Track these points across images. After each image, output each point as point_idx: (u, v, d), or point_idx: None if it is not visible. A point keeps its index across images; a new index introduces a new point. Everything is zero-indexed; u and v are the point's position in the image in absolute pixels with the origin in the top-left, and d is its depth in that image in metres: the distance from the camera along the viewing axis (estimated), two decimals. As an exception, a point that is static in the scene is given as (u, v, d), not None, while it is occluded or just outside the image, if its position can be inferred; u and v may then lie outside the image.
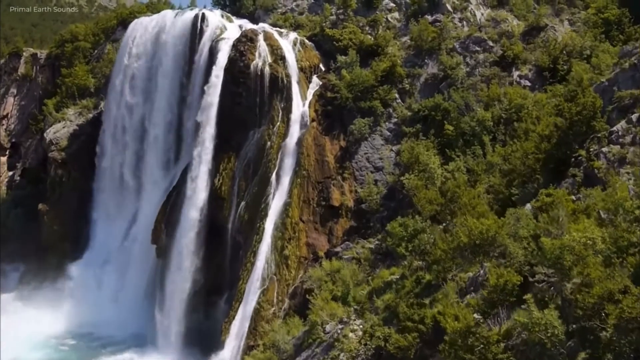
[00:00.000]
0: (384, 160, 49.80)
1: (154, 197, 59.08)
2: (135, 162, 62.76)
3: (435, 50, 55.73)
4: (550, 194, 32.33)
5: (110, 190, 64.32)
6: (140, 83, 62.82)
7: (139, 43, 64.16)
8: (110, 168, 64.62)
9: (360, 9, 61.83)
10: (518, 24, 59.14)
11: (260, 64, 53.61)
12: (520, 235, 28.53)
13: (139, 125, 62.42)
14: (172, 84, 60.33)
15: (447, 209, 38.70)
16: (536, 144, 38.26)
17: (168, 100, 60.31)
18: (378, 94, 52.13)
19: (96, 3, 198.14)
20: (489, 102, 49.05)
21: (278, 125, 51.63)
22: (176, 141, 59.69)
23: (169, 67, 60.71)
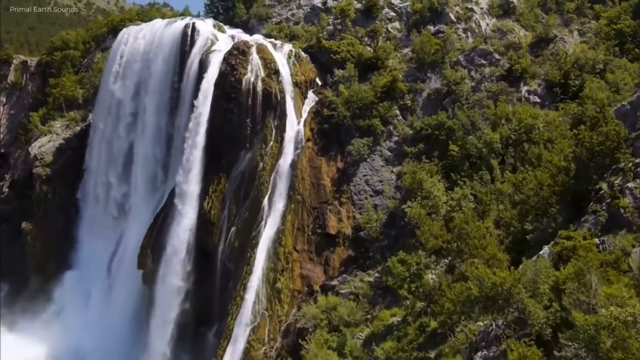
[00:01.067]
0: (384, 183, 45.75)
1: (142, 216, 55.08)
2: (123, 180, 58.74)
3: (439, 64, 51.64)
4: (570, 236, 28.40)
5: (96, 208, 60.31)
6: (128, 96, 58.73)
7: (128, 55, 60.18)
8: (97, 185, 60.62)
9: (359, 19, 57.72)
10: (525, 34, 55.06)
11: (252, 78, 49.56)
12: (540, 292, 24.57)
13: (126, 141, 58.37)
14: (161, 97, 56.30)
15: (454, 246, 34.68)
16: (552, 173, 34.22)
17: (157, 114, 56.29)
18: (378, 111, 48.09)
19: (94, 6, 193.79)
20: (496, 121, 44.99)
21: (271, 144, 47.59)
22: (165, 158, 55.65)
23: (158, 80, 56.68)
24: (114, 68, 61.01)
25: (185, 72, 54.81)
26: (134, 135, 57.54)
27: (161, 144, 55.55)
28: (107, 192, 59.69)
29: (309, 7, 59.69)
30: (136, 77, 58.73)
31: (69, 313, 54.90)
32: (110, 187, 59.60)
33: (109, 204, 59.47)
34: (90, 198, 60.94)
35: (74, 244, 60.33)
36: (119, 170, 58.79)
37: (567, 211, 31.87)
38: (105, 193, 59.76)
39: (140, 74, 58.47)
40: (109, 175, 59.79)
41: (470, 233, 32.75)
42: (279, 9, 60.71)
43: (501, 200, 38.15)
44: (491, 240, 33.05)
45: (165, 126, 55.61)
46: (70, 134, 66.06)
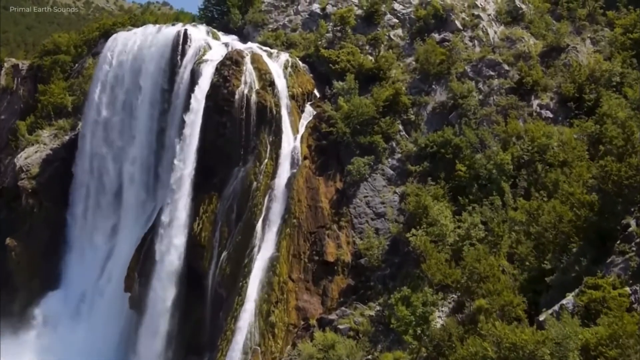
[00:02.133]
0: (387, 205, 42.06)
1: (131, 234, 51.49)
2: (112, 193, 55.06)
3: (444, 75, 47.87)
4: (598, 285, 24.73)
5: (84, 223, 56.58)
6: (117, 107, 55.02)
7: (116, 63, 56.37)
8: (85, 198, 56.88)
9: (360, 26, 53.84)
10: (535, 43, 51.21)
11: (246, 91, 45.81)
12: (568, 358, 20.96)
13: (116, 153, 54.65)
14: (151, 108, 52.58)
15: (463, 283, 31.08)
16: (572, 204, 30.54)
17: (147, 127, 52.58)
18: (379, 127, 44.34)
19: (93, 5, 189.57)
20: (507, 139, 41.23)
21: (266, 162, 43.88)
22: (155, 174, 51.94)
23: (147, 90, 52.92)
24: (101, 76, 57.23)
25: (176, 82, 51.13)
26: (122, 148, 53.76)
27: (151, 158, 51.82)
28: (95, 206, 55.98)
29: (307, 13, 55.83)
30: (125, 87, 55.00)
31: (53, 335, 51.31)
32: (98, 200, 55.91)
33: (98, 218, 55.77)
34: (78, 212, 57.15)
35: (60, 261, 56.64)
36: (107, 183, 55.07)
37: (591, 250, 28.24)
38: (94, 207, 56.04)
39: (130, 84, 54.73)
40: (98, 188, 56.12)
41: (482, 273, 29.11)
42: (276, 14, 56.87)
43: (514, 230, 34.47)
44: (506, 280, 29.43)
45: (155, 140, 51.85)
46: (59, 143, 62.26)
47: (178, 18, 74.05)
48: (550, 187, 35.13)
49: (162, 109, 52.21)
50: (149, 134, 52.27)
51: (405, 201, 41.65)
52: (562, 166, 37.95)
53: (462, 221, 37.39)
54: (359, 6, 55.09)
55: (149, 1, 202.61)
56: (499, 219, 36.41)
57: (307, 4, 56.57)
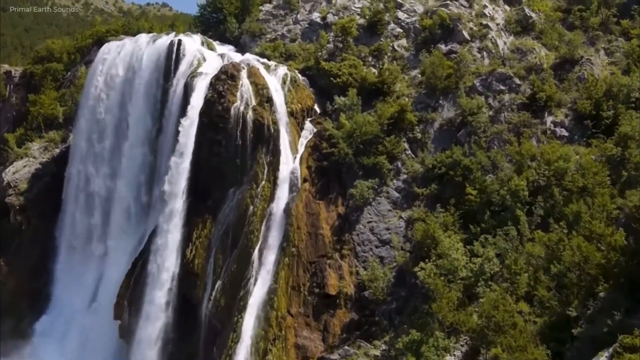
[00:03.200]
0: (392, 232, 38.81)
1: (123, 255, 48.21)
2: (103, 211, 51.76)
3: (452, 90, 44.56)
4: (635, 346, 21.46)
5: (75, 242, 53.33)
6: (108, 122, 51.75)
7: (107, 74, 53.04)
8: (75, 215, 53.59)
9: (362, 36, 50.44)
10: (547, 54, 47.86)
11: (242, 107, 42.53)
12: None
13: (106, 171, 51.35)
14: (143, 124, 49.32)
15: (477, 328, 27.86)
16: (599, 244, 27.29)
17: (138, 143, 49.25)
18: (384, 147, 41.07)
19: (92, 6, 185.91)
20: (521, 162, 37.88)
21: (263, 185, 40.62)
22: (147, 193, 48.66)
23: (139, 104, 49.65)
24: (92, 89, 53.91)
25: (169, 96, 47.83)
26: (113, 166, 50.49)
27: (143, 177, 48.55)
28: (87, 225, 52.67)
29: (306, 22, 52.44)
30: (117, 100, 51.72)
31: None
32: (89, 218, 52.61)
33: (89, 237, 52.50)
34: (68, 230, 53.88)
35: (50, 280, 53.45)
36: (97, 202, 51.79)
37: (623, 298, 24.94)
38: (86, 226, 52.73)
39: (121, 97, 51.48)
40: (89, 205, 52.83)
41: (500, 322, 25.88)
42: (274, 24, 53.48)
43: (532, 264, 31.21)
44: (525, 329, 26.19)
45: (147, 157, 48.56)
46: (49, 157, 58.99)
47: (174, 24, 70.57)
48: (571, 218, 31.80)
49: (154, 125, 48.95)
50: (140, 151, 48.98)
51: (411, 227, 38.47)
52: (581, 192, 34.69)
53: (474, 252, 34.17)
54: (361, 15, 51.74)
55: (149, 2, 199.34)
56: (515, 252, 33.16)
57: (307, 12, 53.22)
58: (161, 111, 48.57)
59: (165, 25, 70.93)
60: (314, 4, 53.76)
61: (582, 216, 30.88)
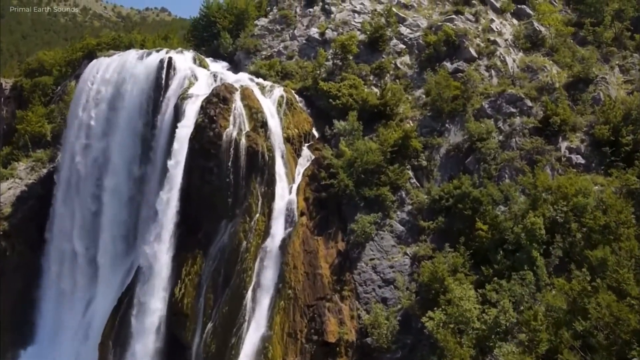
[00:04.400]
0: (396, 270, 35.35)
1: (112, 285, 44.83)
2: (91, 238, 48.25)
3: (459, 112, 41.12)
4: None
5: (62, 270, 49.77)
6: (96, 144, 48.20)
7: (95, 93, 49.49)
8: (62, 242, 50.02)
9: (363, 52, 46.97)
10: (559, 71, 44.52)
11: (234, 133, 39.07)
12: None
13: (94, 196, 47.78)
14: (132, 148, 45.79)
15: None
16: (632, 304, 23.85)
17: (126, 168, 45.77)
18: (387, 177, 37.63)
19: (90, 11, 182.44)
20: (536, 195, 34.38)
21: (257, 218, 37.18)
22: (136, 219, 45.19)
23: (127, 126, 46.13)
24: (79, 108, 50.39)
25: (158, 118, 44.34)
26: (100, 191, 46.97)
27: (131, 203, 45.07)
28: (73, 251, 49.16)
29: (304, 38, 48.92)
30: (104, 121, 48.15)
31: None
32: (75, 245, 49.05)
33: (76, 265, 49.00)
34: (55, 257, 50.36)
35: (35, 309, 49.97)
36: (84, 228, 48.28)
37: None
38: (72, 252, 49.22)
39: (109, 118, 47.89)
40: (76, 231, 49.30)
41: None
42: (270, 39, 49.93)
43: (554, 319, 27.73)
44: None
45: (136, 183, 45.09)
46: (35, 178, 55.34)
47: (167, 37, 66.83)
48: (594, 263, 28.32)
49: (143, 148, 45.45)
50: (128, 175, 45.50)
51: (417, 265, 35.06)
52: (603, 231, 31.24)
53: (486, 297, 30.70)
54: (361, 30, 48.28)
55: (147, 7, 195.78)
56: (532, 299, 29.70)
57: (305, 27, 49.72)
58: (151, 133, 45.13)
59: (159, 37, 67.22)
60: (312, 18, 50.29)
61: (607, 264, 27.39)
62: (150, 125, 44.87)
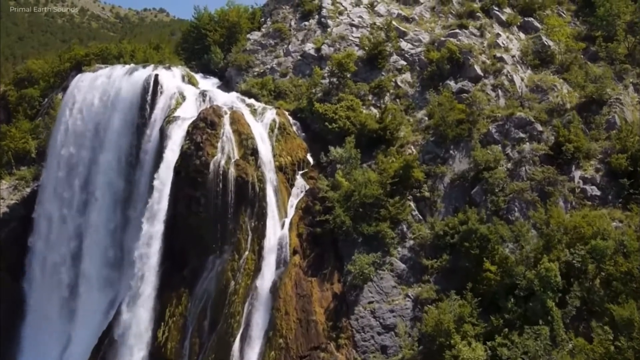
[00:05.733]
0: (397, 314, 32.05)
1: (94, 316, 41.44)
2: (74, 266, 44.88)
3: (464, 138, 37.71)
4: None
5: (44, 298, 46.42)
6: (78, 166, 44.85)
7: (78, 110, 46.18)
8: (44, 268, 46.67)
9: (361, 70, 43.56)
10: (569, 91, 41.16)
11: (222, 161, 35.73)
12: None
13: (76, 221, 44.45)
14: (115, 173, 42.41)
15: None
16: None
17: (110, 192, 42.38)
18: (387, 211, 34.23)
19: (88, 12, 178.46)
20: (550, 235, 30.99)
21: (246, 256, 33.88)
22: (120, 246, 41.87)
23: (112, 148, 42.76)
24: (62, 126, 47.06)
25: (144, 141, 41.06)
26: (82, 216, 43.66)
27: (115, 232, 41.72)
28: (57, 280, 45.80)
29: (299, 54, 45.43)
30: (88, 142, 44.78)
31: None
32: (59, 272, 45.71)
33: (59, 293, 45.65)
34: (36, 284, 46.99)
35: (16, 340, 46.62)
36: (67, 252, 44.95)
37: None
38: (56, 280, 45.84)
39: (93, 138, 44.55)
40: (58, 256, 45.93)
41: None
42: (263, 55, 46.43)
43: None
44: None
45: (119, 209, 41.73)
46: (18, 198, 51.68)
47: (159, 46, 63.17)
48: (619, 322, 24.98)
49: (128, 173, 42.12)
50: (112, 201, 42.12)
51: (419, 309, 31.77)
52: (626, 278, 27.90)
53: (497, 353, 27.40)
54: (359, 46, 44.78)
55: (146, 8, 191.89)
56: (547, 356, 26.37)
57: (300, 42, 46.21)
58: (136, 156, 41.80)
59: (150, 47, 63.48)
60: (307, 32, 46.80)
61: (634, 324, 24.05)
62: (135, 150, 41.53)
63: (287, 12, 48.91)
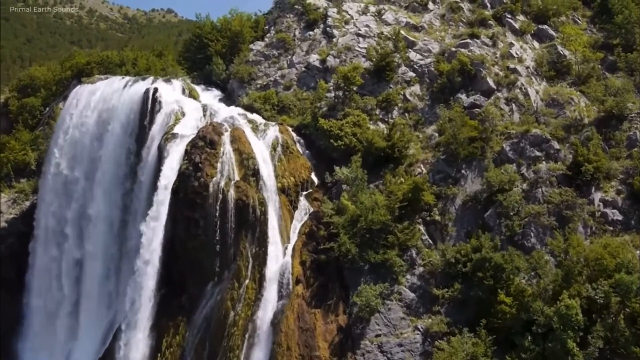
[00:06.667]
0: (406, 348, 29.86)
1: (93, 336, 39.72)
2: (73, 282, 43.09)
3: (477, 157, 35.38)
4: None
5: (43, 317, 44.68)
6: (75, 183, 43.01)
7: (76, 124, 44.33)
8: (44, 286, 44.87)
9: (368, 82, 41.22)
10: (587, 104, 38.74)
11: (222, 183, 33.68)
12: None
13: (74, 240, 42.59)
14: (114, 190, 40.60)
15: None
16: None
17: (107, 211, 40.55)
18: (395, 237, 31.97)
19: (97, 13, 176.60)
20: (569, 267, 28.68)
21: (246, 285, 31.83)
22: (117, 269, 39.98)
23: (110, 166, 40.93)
24: (59, 139, 45.25)
25: (142, 158, 39.05)
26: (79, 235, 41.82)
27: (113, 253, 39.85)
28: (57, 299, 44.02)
29: (303, 65, 43.15)
30: (86, 158, 42.93)
31: None
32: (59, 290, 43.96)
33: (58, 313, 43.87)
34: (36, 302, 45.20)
35: (14, 359, 44.99)
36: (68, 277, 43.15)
37: None
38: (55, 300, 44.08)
39: (90, 154, 42.67)
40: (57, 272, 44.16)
41: None
42: (265, 66, 44.20)
43: None
44: None
45: (117, 230, 39.83)
46: (17, 212, 49.92)
47: (162, 53, 61.08)
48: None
49: (126, 190, 40.17)
50: (109, 220, 40.27)
51: (429, 343, 29.57)
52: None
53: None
54: (366, 57, 42.45)
55: (154, 8, 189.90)
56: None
57: (304, 53, 43.93)
58: (134, 174, 39.83)
59: (152, 54, 61.31)
60: (312, 42, 44.50)
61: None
62: (133, 168, 39.58)
63: (292, 21, 46.63)
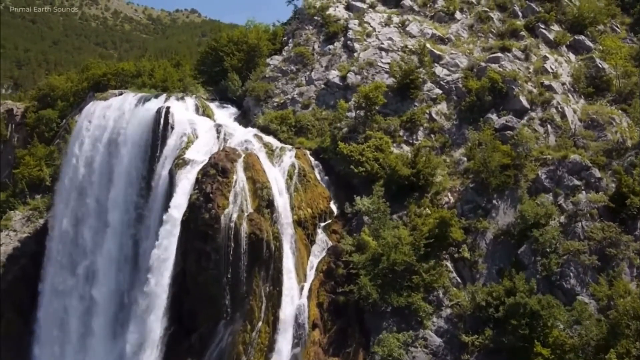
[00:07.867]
0: (432, 403, 26.88)
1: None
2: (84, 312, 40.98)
3: (510, 186, 32.09)
4: None
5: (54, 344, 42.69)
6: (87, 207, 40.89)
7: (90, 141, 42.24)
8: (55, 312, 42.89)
9: (391, 100, 38.05)
10: (630, 124, 35.16)
11: (234, 214, 30.99)
12: None
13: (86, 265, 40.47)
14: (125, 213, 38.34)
15: None
16: None
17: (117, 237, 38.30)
18: (420, 278, 28.94)
19: (122, 14, 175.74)
20: (616, 320, 25.38)
21: (259, 327, 29.14)
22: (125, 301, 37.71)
23: (121, 189, 38.73)
24: (73, 159, 43.18)
25: (153, 182, 36.72)
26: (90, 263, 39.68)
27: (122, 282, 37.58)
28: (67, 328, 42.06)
29: (322, 82, 40.15)
30: (97, 179, 40.75)
31: None
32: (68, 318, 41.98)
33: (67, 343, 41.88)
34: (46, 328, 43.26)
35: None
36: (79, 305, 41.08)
37: None
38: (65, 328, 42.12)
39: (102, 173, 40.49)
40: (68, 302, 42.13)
41: None
42: (283, 83, 41.27)
43: None
44: None
45: (126, 257, 37.55)
46: (30, 230, 48.13)
47: (179, 63, 58.62)
48: None
49: (137, 215, 37.85)
50: (118, 247, 38.03)
51: (459, 397, 26.55)
52: None
53: None
54: (389, 73, 39.30)
55: (178, 9, 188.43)
56: None
57: (323, 69, 40.92)
58: (146, 197, 37.50)
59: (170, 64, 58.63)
60: (332, 57, 41.46)
61: None
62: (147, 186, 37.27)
63: (311, 34, 43.63)
